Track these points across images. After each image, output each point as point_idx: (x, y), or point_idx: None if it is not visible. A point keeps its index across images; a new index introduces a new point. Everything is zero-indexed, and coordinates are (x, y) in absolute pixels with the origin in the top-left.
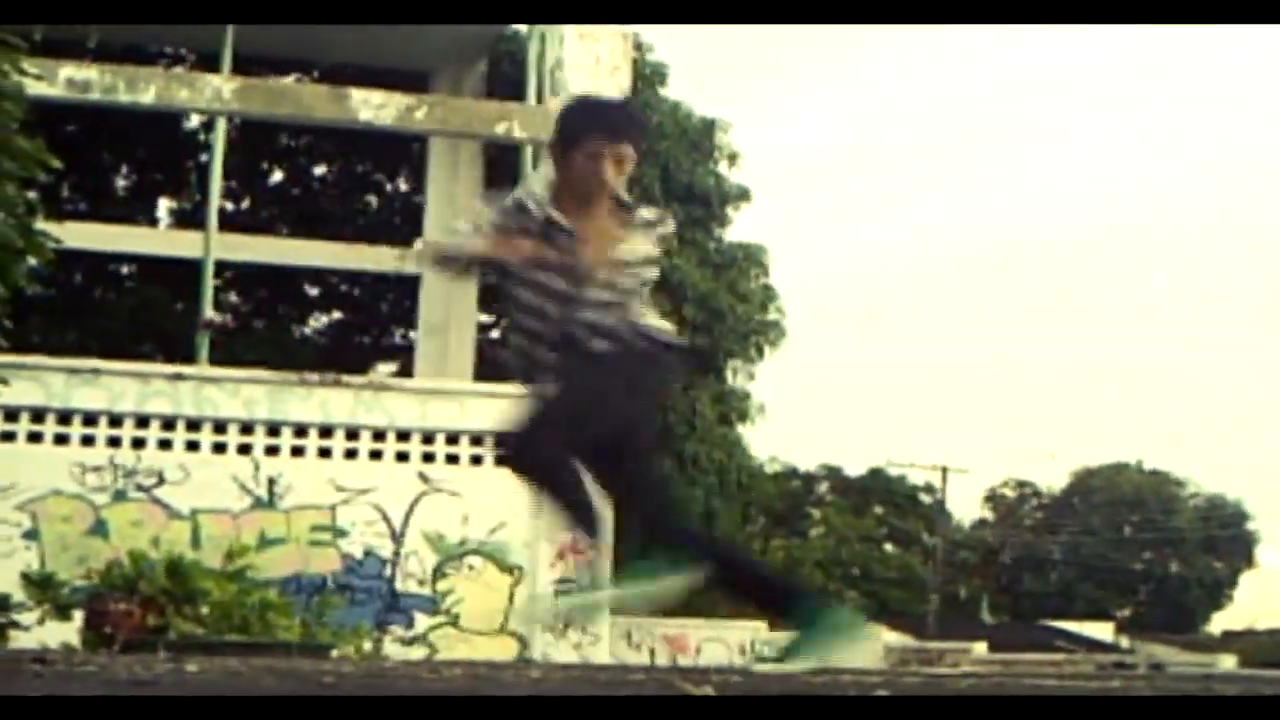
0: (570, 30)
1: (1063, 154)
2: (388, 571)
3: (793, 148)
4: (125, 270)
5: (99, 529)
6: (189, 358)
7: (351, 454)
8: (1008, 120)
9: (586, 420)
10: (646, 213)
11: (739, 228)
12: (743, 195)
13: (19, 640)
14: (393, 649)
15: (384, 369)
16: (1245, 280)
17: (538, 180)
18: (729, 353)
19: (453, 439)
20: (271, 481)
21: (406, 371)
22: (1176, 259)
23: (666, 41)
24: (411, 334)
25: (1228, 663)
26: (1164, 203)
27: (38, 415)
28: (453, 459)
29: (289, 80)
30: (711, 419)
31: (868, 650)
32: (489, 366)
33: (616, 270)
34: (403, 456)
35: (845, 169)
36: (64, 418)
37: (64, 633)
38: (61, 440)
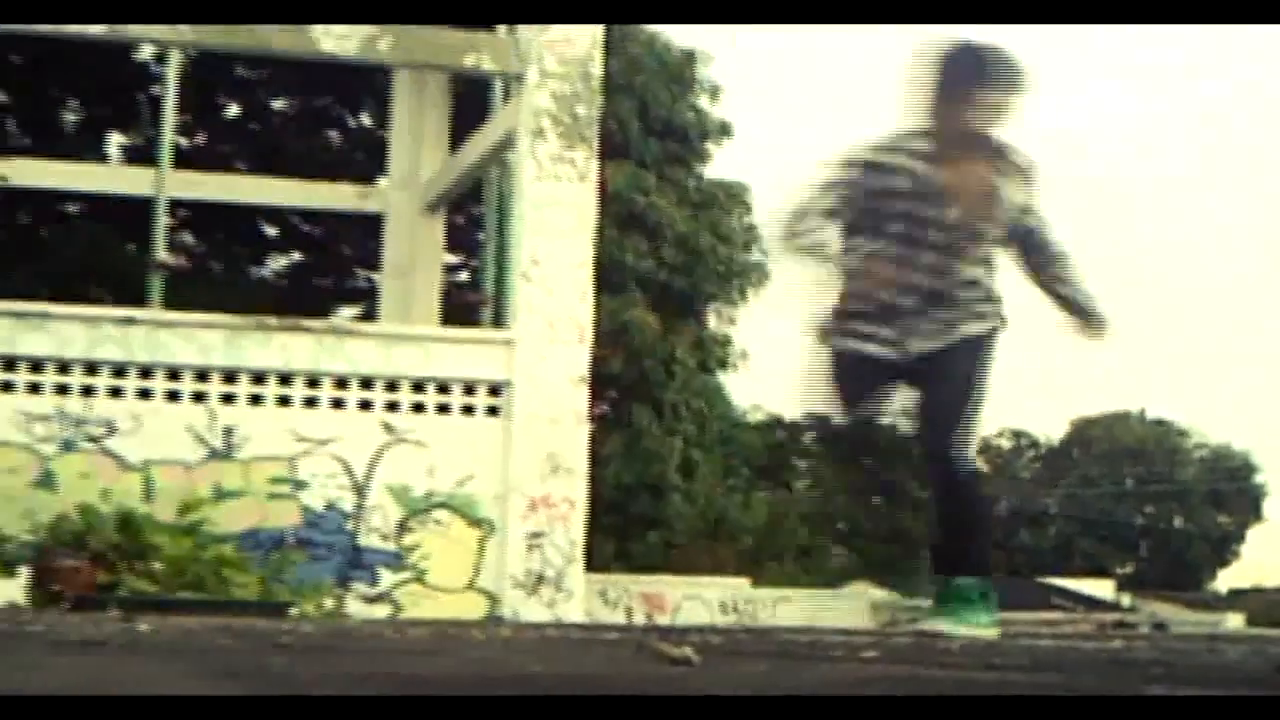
0: None
1: (1075, 91)
2: (350, 526)
3: (777, 77)
4: (74, 209)
5: (46, 481)
6: (141, 301)
7: (312, 402)
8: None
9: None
10: (1020, 158)
11: (720, 164)
12: (724, 130)
13: None
14: (355, 607)
15: (346, 313)
16: (1254, 221)
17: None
18: (709, 296)
19: (418, 386)
20: (228, 431)
21: (369, 315)
22: (1184, 198)
23: None
24: (374, 276)
25: (1234, 622)
26: (1167, 141)
27: None
28: (418, 407)
29: None
30: (691, 366)
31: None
32: (455, 310)
33: (990, 222)
34: (366, 405)
35: (834, 100)
36: (9, 364)
37: (9, 590)
38: (6, 388)
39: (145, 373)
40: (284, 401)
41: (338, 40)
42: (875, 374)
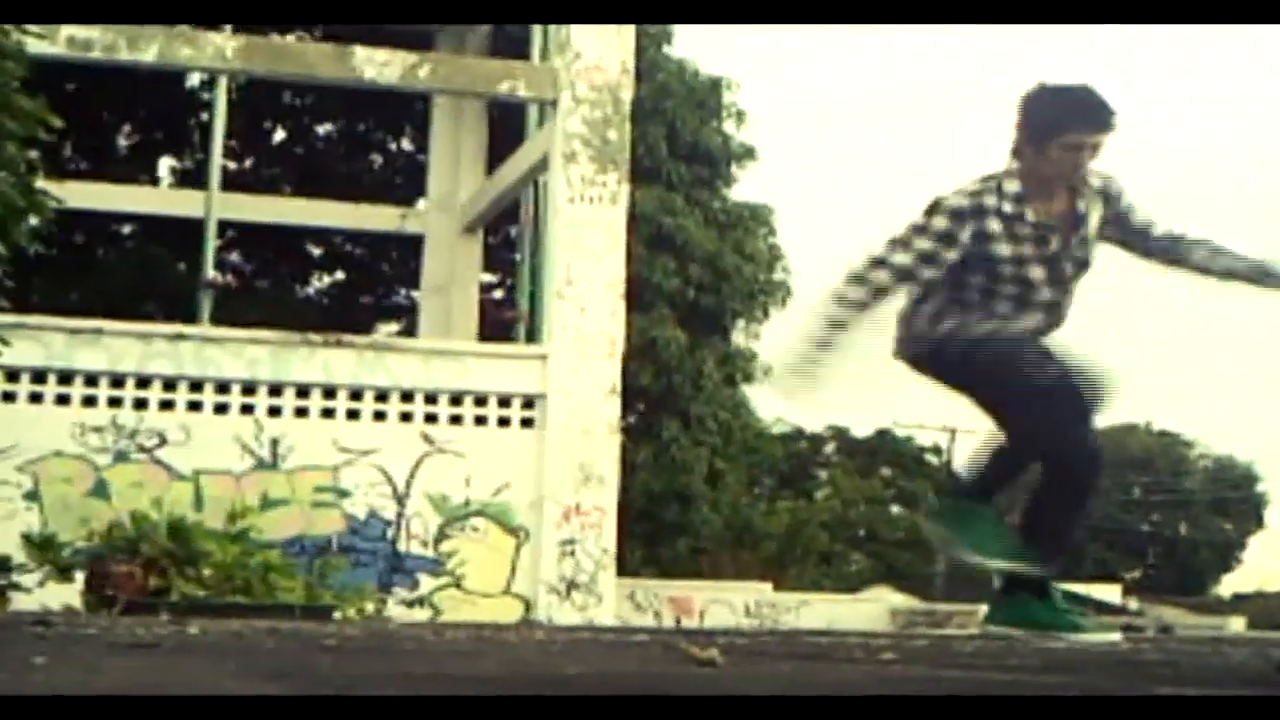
0: None
1: None
2: (391, 533)
3: (802, 102)
4: (127, 230)
5: (100, 490)
6: (191, 318)
7: (354, 415)
8: (1025, 73)
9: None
10: (1094, 178)
11: (745, 187)
12: (748, 154)
13: (21, 602)
14: (396, 611)
15: (386, 329)
16: (1256, 235)
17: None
18: (735, 313)
19: (456, 399)
20: (274, 442)
21: (409, 332)
22: (1189, 211)
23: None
24: (414, 294)
25: (1237, 625)
26: (1173, 157)
27: (39, 376)
28: (456, 419)
29: (291, 38)
30: (717, 380)
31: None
32: (491, 326)
33: (1082, 248)
34: (406, 417)
35: (855, 124)
36: (65, 378)
37: (66, 594)
38: (63, 401)
39: (195, 386)
40: (328, 414)
41: (379, 67)
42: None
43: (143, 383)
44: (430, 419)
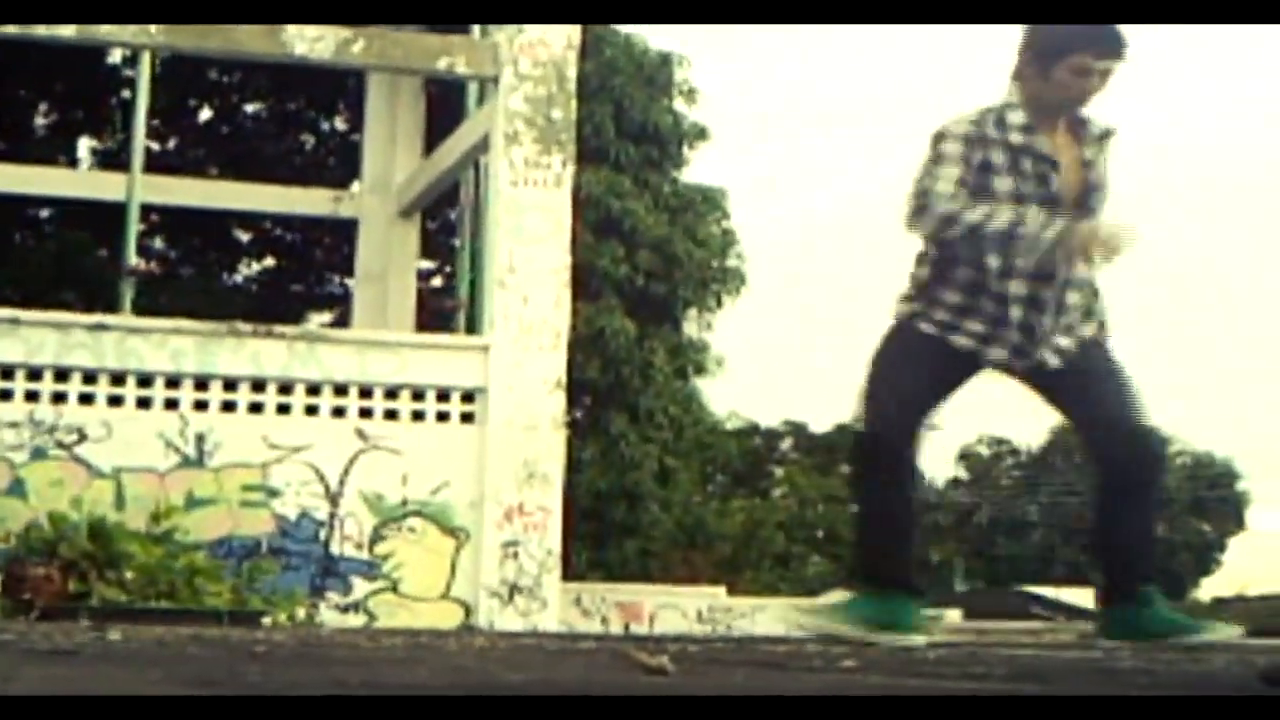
0: None
1: None
2: (323, 534)
3: (756, 85)
4: (44, 214)
5: (16, 489)
6: (112, 307)
7: (284, 409)
8: (990, 69)
9: None
10: (1100, 124)
11: (697, 169)
12: (701, 134)
13: None
14: (329, 616)
15: (319, 319)
16: (1232, 229)
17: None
18: (686, 302)
19: (392, 393)
20: (200, 438)
21: (343, 321)
22: (1161, 206)
23: None
24: (348, 281)
25: None
26: (1172, 158)
27: None
28: (392, 414)
29: None
30: (668, 372)
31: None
32: (429, 316)
33: (1092, 193)
34: (339, 412)
35: (815, 109)
36: None
37: None
38: None
39: (116, 379)
40: (256, 408)
41: (311, 43)
42: (961, 371)
43: (61, 375)
44: (365, 414)
